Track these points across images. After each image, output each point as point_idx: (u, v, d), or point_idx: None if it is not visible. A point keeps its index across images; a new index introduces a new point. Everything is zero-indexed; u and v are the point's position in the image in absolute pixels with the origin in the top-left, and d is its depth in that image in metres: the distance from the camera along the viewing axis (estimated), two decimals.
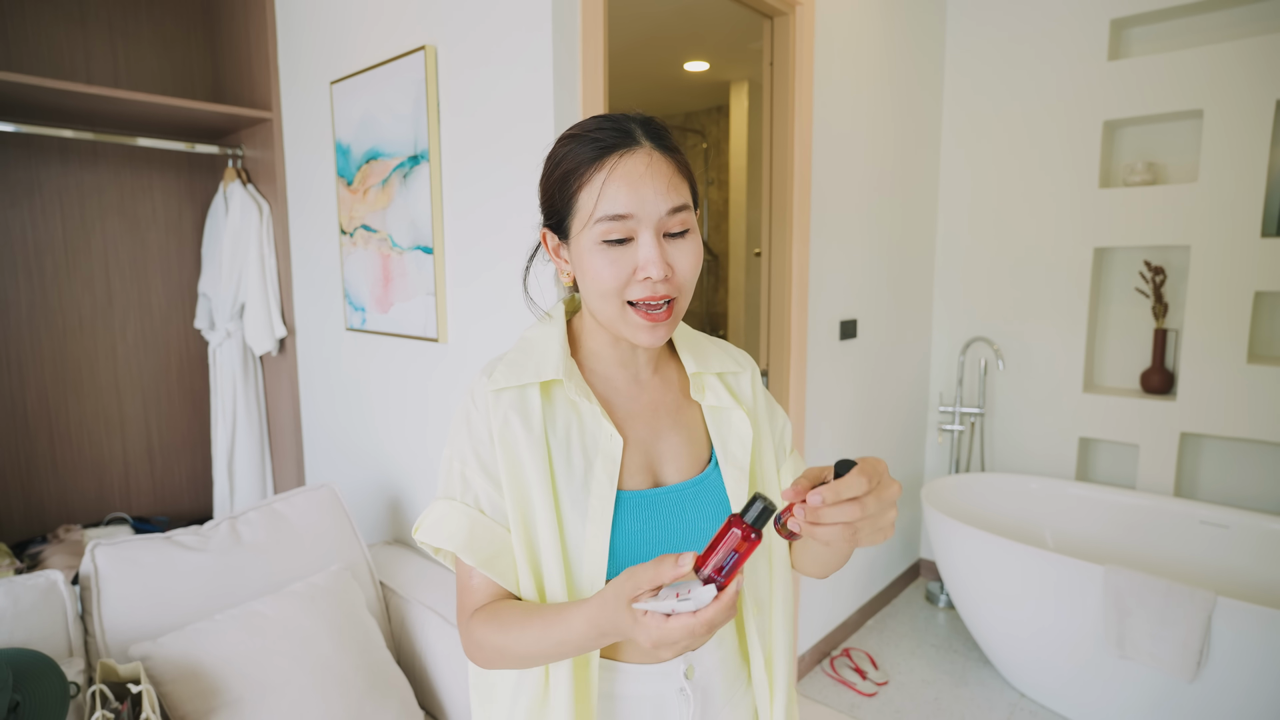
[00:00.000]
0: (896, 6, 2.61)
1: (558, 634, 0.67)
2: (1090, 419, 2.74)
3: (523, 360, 0.78)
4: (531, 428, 0.74)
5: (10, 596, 1.32)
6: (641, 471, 0.79)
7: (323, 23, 1.99)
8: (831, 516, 0.58)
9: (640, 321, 0.72)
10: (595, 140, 0.71)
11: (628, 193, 0.69)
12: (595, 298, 0.73)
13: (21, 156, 2.14)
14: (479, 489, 0.75)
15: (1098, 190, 2.66)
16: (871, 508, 0.58)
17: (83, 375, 2.30)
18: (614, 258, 0.70)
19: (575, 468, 0.75)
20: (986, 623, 2.36)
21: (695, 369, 0.85)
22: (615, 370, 0.82)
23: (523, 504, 0.74)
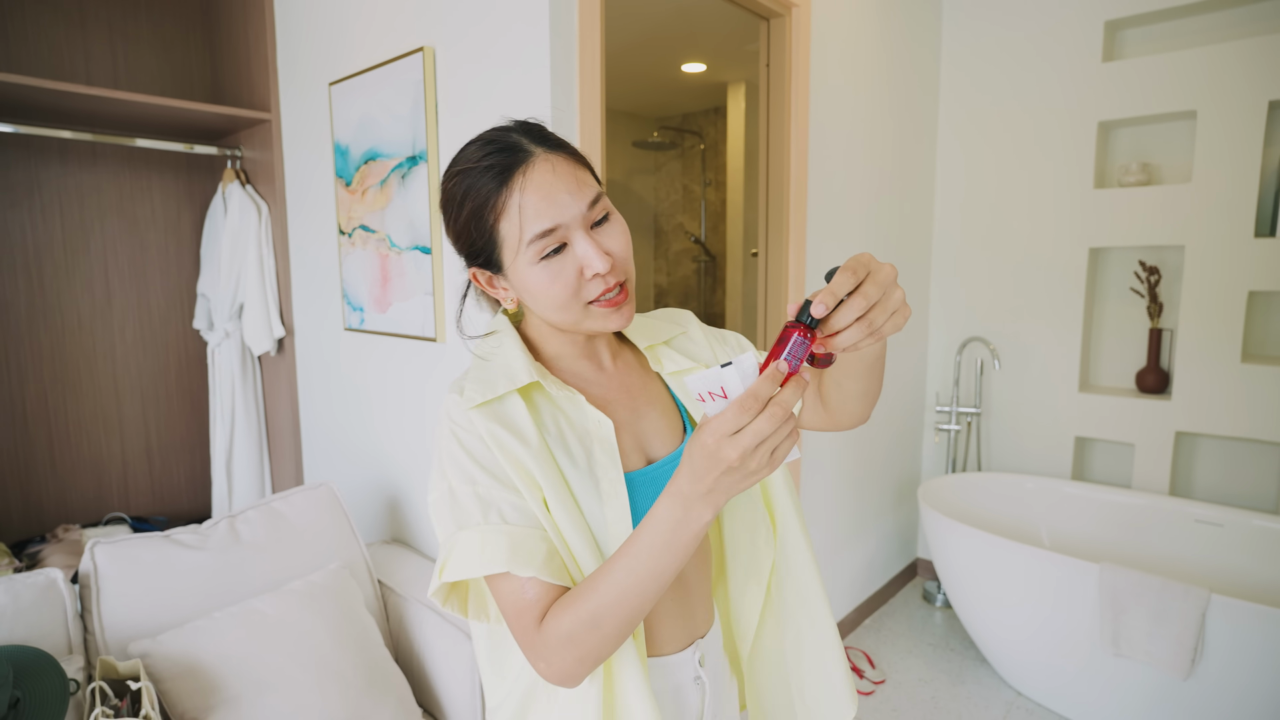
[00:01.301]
0: (892, 8, 2.63)
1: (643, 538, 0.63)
2: (1086, 418, 2.76)
3: (488, 375, 0.77)
4: (525, 435, 0.73)
5: (10, 594, 1.33)
6: (634, 452, 0.80)
7: (321, 24, 2.00)
8: (841, 318, 0.59)
9: (604, 311, 0.74)
10: (489, 168, 0.71)
11: (546, 205, 0.69)
12: (553, 311, 0.74)
13: (21, 157, 2.15)
14: (500, 502, 0.71)
15: (1093, 191, 2.67)
16: (873, 293, 0.58)
17: (81, 375, 2.31)
18: (557, 269, 0.71)
19: (578, 458, 0.75)
20: (983, 622, 2.38)
21: (647, 343, 0.87)
22: (580, 364, 0.83)
23: (549, 500, 0.73)
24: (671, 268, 4.85)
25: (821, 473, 2.48)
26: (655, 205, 4.90)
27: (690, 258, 4.73)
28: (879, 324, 0.59)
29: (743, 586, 0.89)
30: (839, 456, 2.57)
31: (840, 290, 0.58)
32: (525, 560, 0.68)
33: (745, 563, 0.88)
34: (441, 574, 0.71)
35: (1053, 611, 2.13)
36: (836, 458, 2.56)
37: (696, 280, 4.70)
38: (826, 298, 0.58)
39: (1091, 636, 2.05)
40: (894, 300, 0.60)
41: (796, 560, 0.89)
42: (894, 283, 0.60)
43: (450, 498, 0.73)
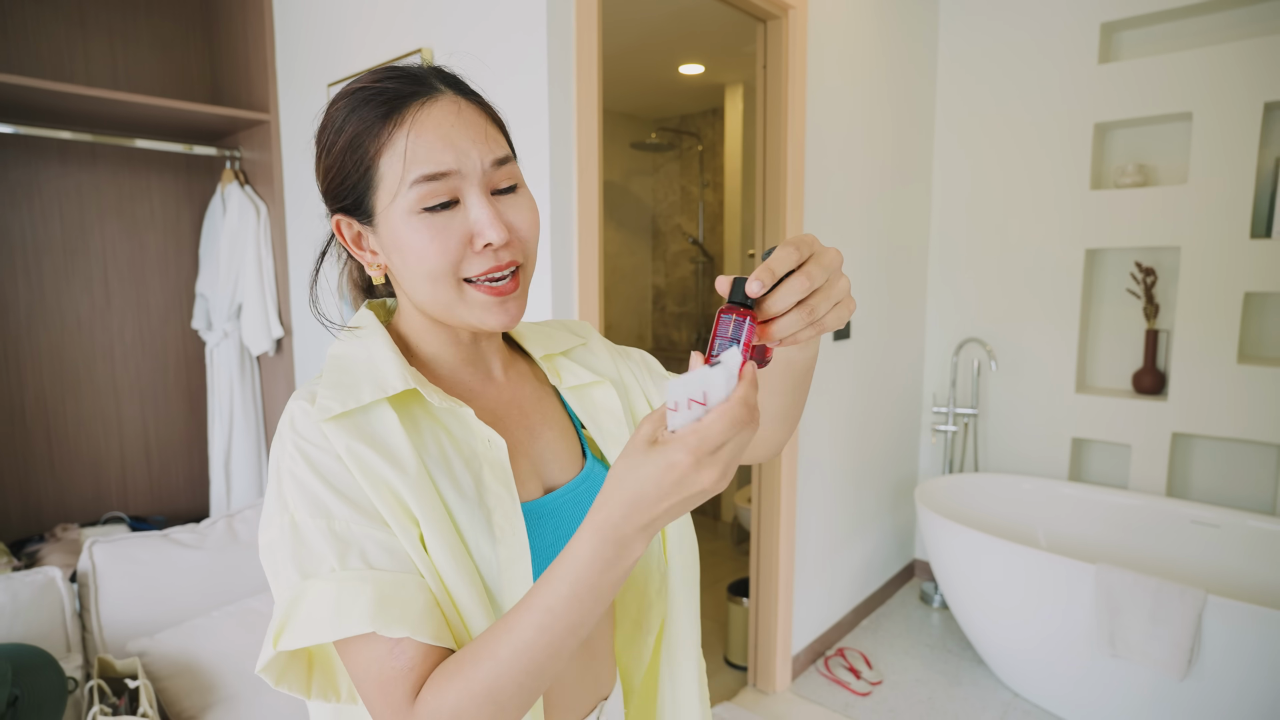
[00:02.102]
0: (890, 10, 2.64)
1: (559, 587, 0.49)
2: (1083, 419, 2.76)
3: (347, 379, 0.60)
4: (398, 455, 0.57)
5: (9, 593, 1.33)
6: (530, 479, 0.67)
7: (320, 25, 2.00)
8: (781, 300, 0.50)
9: (485, 299, 0.60)
10: (381, 92, 0.58)
11: (442, 146, 0.57)
12: (423, 283, 0.60)
13: (21, 158, 2.15)
14: (363, 541, 0.55)
15: (1089, 192, 2.68)
16: (817, 275, 0.51)
17: (80, 375, 2.31)
18: (440, 226, 0.58)
19: (464, 486, 0.60)
20: (980, 623, 2.38)
21: (543, 352, 0.75)
22: (463, 372, 0.69)
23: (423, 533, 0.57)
24: (669, 269, 4.86)
25: (818, 473, 2.48)
26: (653, 206, 4.91)
27: (688, 259, 4.74)
28: (821, 313, 0.52)
29: (628, 640, 0.75)
30: (835, 457, 2.58)
31: (780, 267, 0.50)
32: (396, 616, 0.52)
33: (635, 614, 0.74)
34: (277, 641, 0.53)
35: (1050, 612, 2.14)
36: (833, 458, 2.56)
37: (695, 281, 4.71)
38: (763, 274, 0.49)
39: (1088, 637, 2.05)
40: (839, 288, 0.53)
41: (682, 625, 0.74)
42: (839, 270, 0.53)
43: (293, 536, 0.55)
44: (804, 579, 2.45)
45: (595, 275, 1.56)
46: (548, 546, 0.63)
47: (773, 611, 2.33)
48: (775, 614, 2.33)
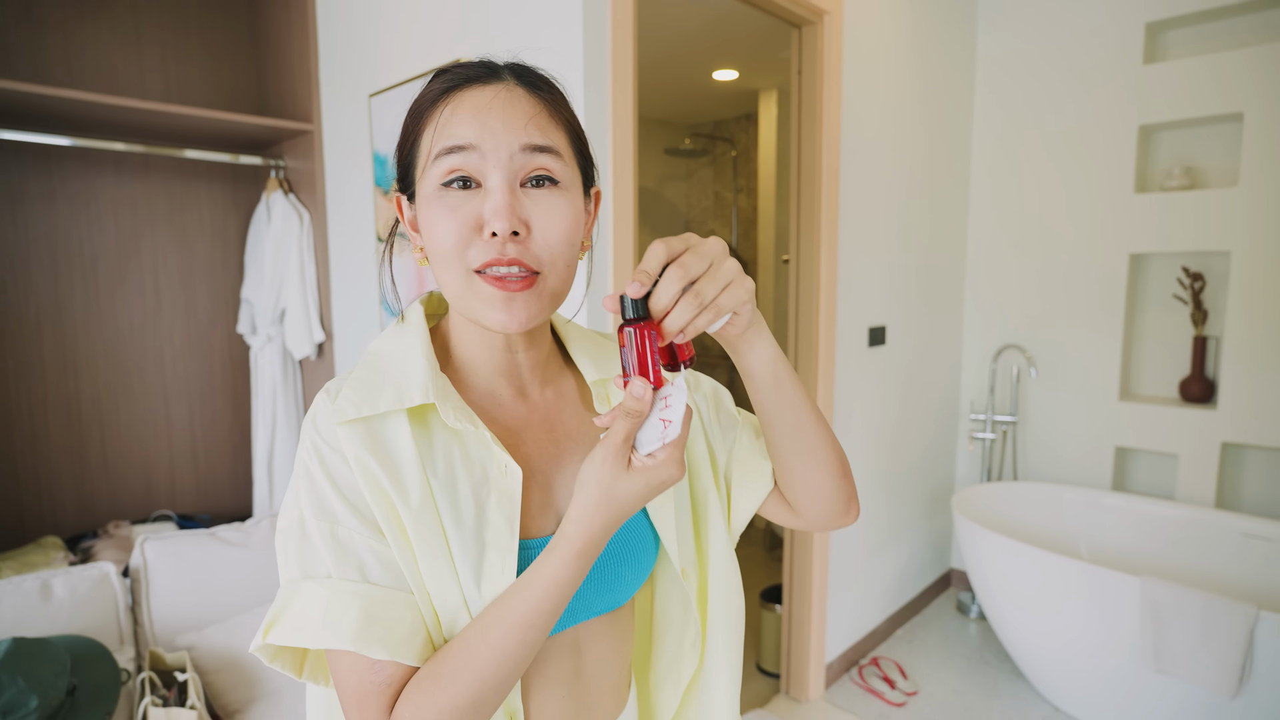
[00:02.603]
0: (926, 13, 2.61)
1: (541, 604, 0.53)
2: (1127, 428, 2.69)
3: (374, 380, 0.59)
4: (403, 475, 0.56)
5: (68, 587, 1.39)
6: (543, 512, 0.63)
7: (362, 38, 2.06)
8: (663, 294, 0.50)
9: (489, 292, 0.56)
10: (453, 75, 0.59)
11: (469, 121, 0.56)
12: (440, 268, 0.58)
13: (80, 169, 2.24)
14: (362, 552, 0.55)
15: (1133, 195, 2.62)
16: (694, 264, 0.51)
17: (132, 378, 2.40)
18: (454, 205, 0.56)
19: (464, 514, 0.57)
20: (1019, 634, 2.33)
21: (596, 376, 0.68)
22: (496, 383, 0.65)
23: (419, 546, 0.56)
24: None
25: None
26: (687, 212, 4.91)
27: None
28: (710, 295, 0.51)
29: (660, 683, 0.75)
30: (870, 463, 2.55)
31: (654, 265, 0.51)
32: (379, 636, 0.53)
33: (670, 660, 0.74)
34: (267, 633, 0.54)
35: (1092, 625, 2.08)
36: (867, 464, 2.54)
37: None
38: (640, 276, 0.51)
39: (1133, 651, 2.00)
40: (725, 271, 0.52)
41: (717, 681, 0.73)
42: (724, 254, 0.53)
43: (300, 531, 0.56)
44: (838, 586, 2.43)
45: None
46: None
47: (806, 618, 2.32)
48: (808, 621, 2.31)
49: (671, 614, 0.73)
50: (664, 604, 0.74)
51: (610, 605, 0.66)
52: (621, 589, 0.66)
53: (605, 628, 0.67)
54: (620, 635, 0.69)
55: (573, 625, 0.64)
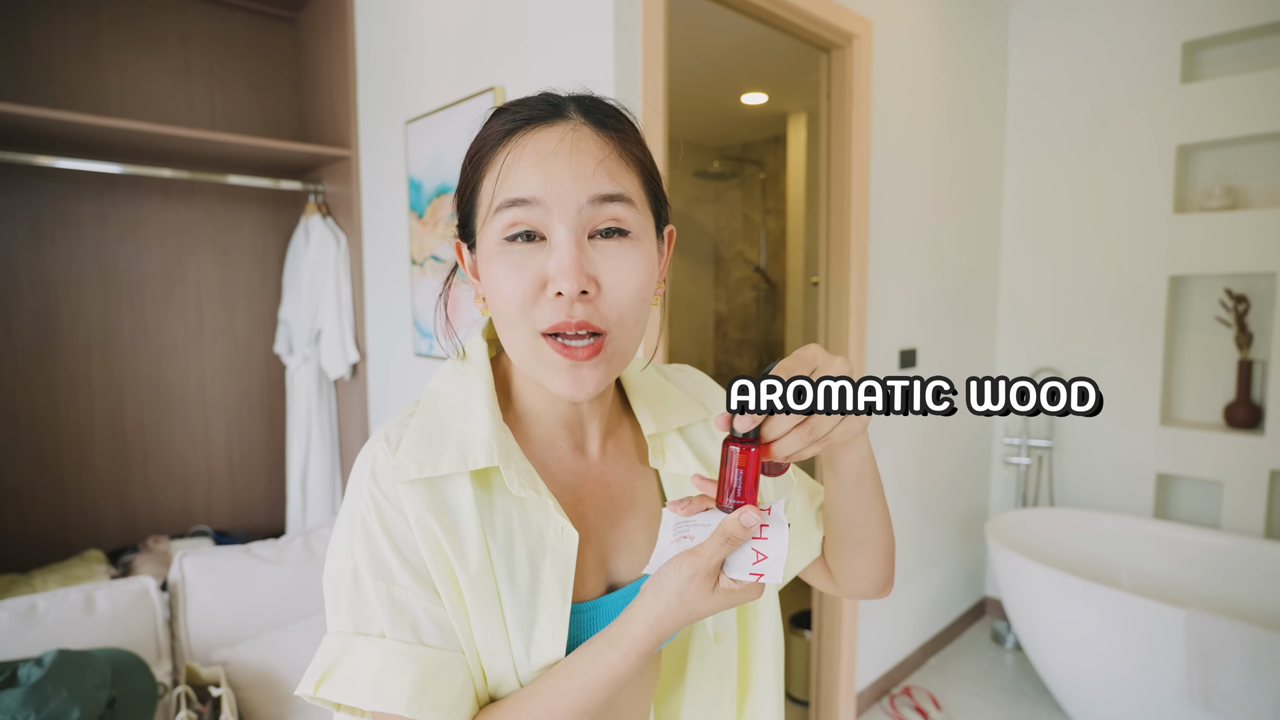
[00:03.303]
0: (956, 34, 2.61)
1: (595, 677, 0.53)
2: (1168, 454, 2.62)
3: (436, 432, 0.57)
4: (463, 533, 0.55)
5: (109, 600, 1.43)
6: (594, 573, 0.61)
7: (399, 66, 2.12)
8: (776, 426, 0.50)
9: (555, 359, 0.53)
10: (515, 112, 0.55)
11: (532, 171, 0.52)
12: (502, 326, 0.55)
13: (129, 195, 2.33)
14: (418, 614, 0.54)
15: (1172, 216, 2.57)
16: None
17: (174, 396, 2.46)
18: (519, 262, 0.52)
19: (520, 579, 0.56)
20: (1058, 666, 2.26)
21: (654, 429, 0.66)
22: (557, 434, 0.62)
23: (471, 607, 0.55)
24: (731, 296, 4.87)
25: None
26: (715, 234, 4.93)
27: (750, 285, 4.73)
28: (824, 430, 0.50)
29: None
30: (900, 487, 2.51)
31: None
32: (432, 701, 0.52)
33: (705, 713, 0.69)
34: (318, 688, 0.53)
35: (1134, 659, 2.01)
36: (898, 488, 2.50)
37: (756, 308, 4.69)
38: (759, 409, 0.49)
39: (1178, 687, 1.92)
40: None
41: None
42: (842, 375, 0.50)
43: (353, 584, 0.54)
44: (868, 612, 2.39)
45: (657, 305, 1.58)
46: None
47: (836, 645, 2.27)
48: (839, 648, 2.27)
49: (707, 668, 0.68)
50: (700, 656, 0.68)
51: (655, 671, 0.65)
52: (665, 653, 0.66)
53: (647, 692, 0.65)
54: (645, 679, 0.66)
55: None
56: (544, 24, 1.61)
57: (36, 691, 1.11)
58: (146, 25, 2.33)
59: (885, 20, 2.24)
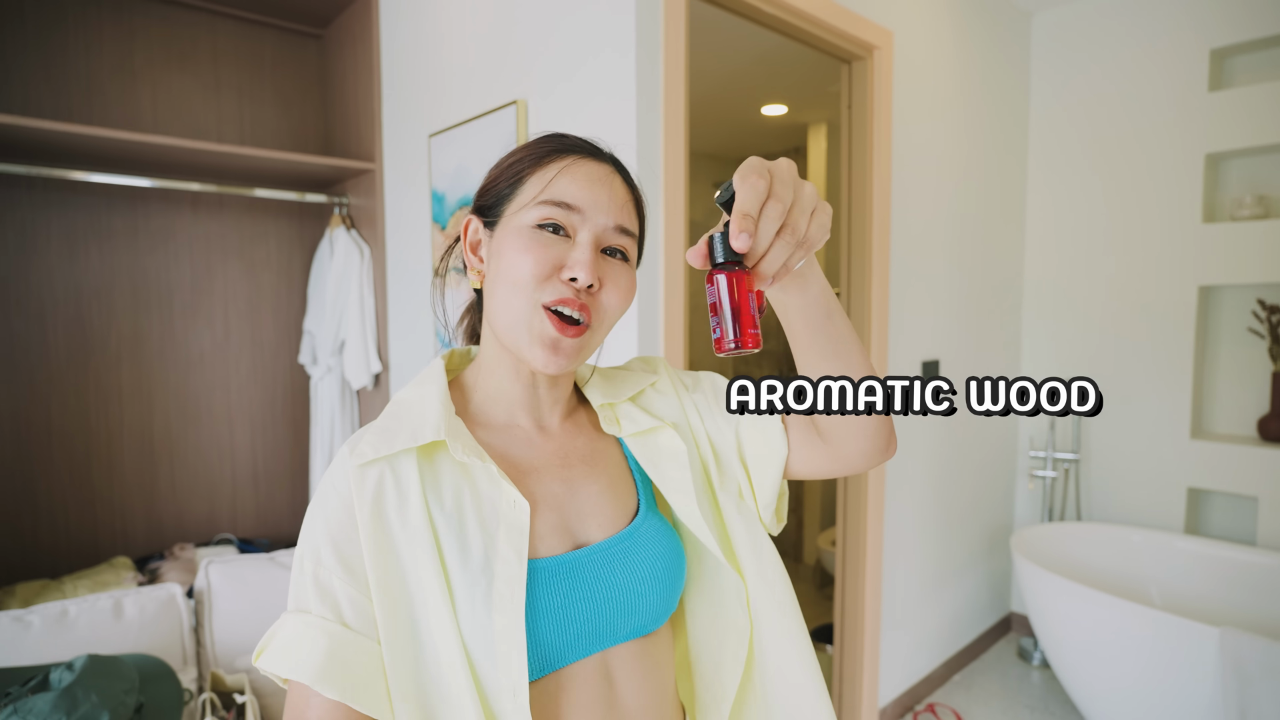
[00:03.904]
0: (978, 44, 2.60)
1: None
2: (1200, 468, 2.56)
3: (394, 426, 0.63)
4: (408, 507, 0.60)
5: (137, 606, 1.45)
6: (556, 533, 0.65)
7: (423, 80, 2.15)
8: (764, 236, 0.50)
9: (548, 329, 0.61)
10: (563, 140, 0.67)
11: (581, 187, 0.63)
12: (508, 291, 0.62)
13: (160, 207, 2.38)
14: (340, 594, 0.58)
15: (1201, 225, 2.53)
16: (785, 194, 0.50)
17: (201, 405, 2.50)
18: (544, 244, 0.62)
19: (472, 548, 0.60)
20: (1087, 685, 2.21)
21: (603, 400, 0.73)
22: (517, 414, 0.69)
23: (398, 606, 0.58)
24: None
25: (906, 516, 2.40)
26: None
27: None
28: (803, 229, 0.51)
29: (704, 709, 0.71)
30: (923, 500, 2.48)
31: (752, 205, 0.49)
32: (338, 676, 0.55)
33: (709, 682, 0.71)
34: (259, 656, 0.59)
35: (1166, 678, 1.97)
36: (921, 502, 2.47)
37: (777, 319, 4.67)
38: (744, 222, 0.49)
39: (1212, 708, 1.87)
40: (807, 197, 0.52)
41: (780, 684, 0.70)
42: (799, 177, 0.52)
43: (297, 567, 0.60)
44: (891, 627, 2.36)
45: (680, 313, 1.59)
46: (555, 607, 0.61)
47: (858, 660, 2.25)
48: (861, 663, 2.24)
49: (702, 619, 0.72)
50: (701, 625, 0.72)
51: (637, 630, 0.65)
52: (646, 610, 0.66)
53: (637, 655, 0.66)
54: (656, 664, 0.68)
55: (599, 651, 0.63)
56: (567, 40, 1.63)
57: (67, 696, 1.13)
58: (179, 43, 2.38)
59: (906, 31, 2.24)
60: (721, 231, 0.53)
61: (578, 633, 0.61)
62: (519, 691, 0.56)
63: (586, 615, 0.62)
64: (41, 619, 1.38)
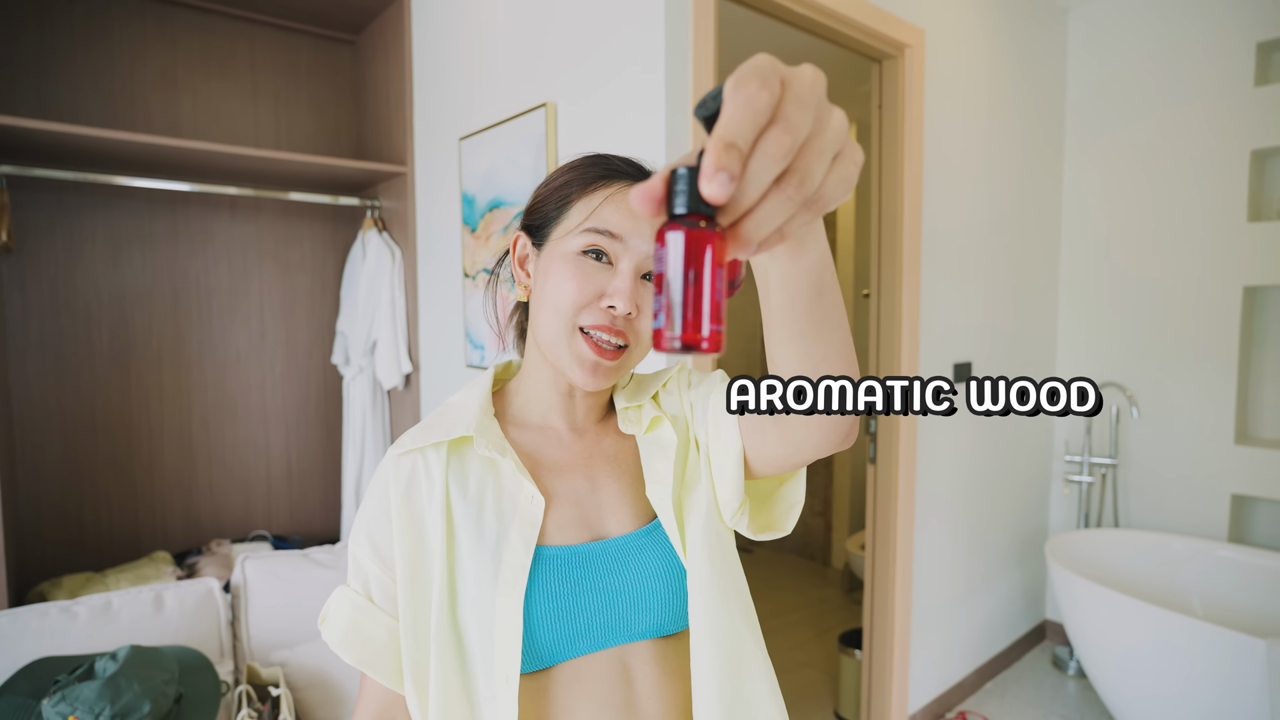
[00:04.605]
0: (1013, 40, 2.56)
1: None
2: (1245, 474, 2.48)
3: (436, 423, 0.70)
4: (433, 495, 0.66)
5: (177, 599, 1.48)
6: (574, 526, 0.68)
7: (454, 85, 2.17)
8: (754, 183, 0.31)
9: (586, 353, 0.64)
10: (612, 165, 0.69)
11: (625, 216, 0.65)
12: (549, 313, 0.66)
13: (200, 211, 2.45)
14: (369, 573, 0.67)
15: (1246, 224, 2.45)
16: (800, 123, 0.31)
17: (237, 404, 2.56)
18: (587, 272, 0.65)
19: (487, 534, 0.65)
20: (1125, 696, 2.16)
21: (625, 403, 0.75)
22: (552, 417, 0.73)
23: (416, 585, 0.64)
24: None
25: (936, 520, 2.36)
26: None
27: None
28: (816, 179, 0.32)
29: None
30: (955, 504, 2.45)
31: (744, 131, 0.30)
32: (353, 645, 0.65)
33: None
34: (322, 620, 0.69)
35: (1210, 690, 1.91)
36: (952, 506, 2.43)
37: None
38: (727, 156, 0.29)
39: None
40: (833, 131, 0.33)
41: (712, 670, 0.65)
42: (824, 98, 0.33)
43: (349, 545, 0.70)
44: (921, 633, 2.32)
45: None
46: (559, 593, 0.63)
47: (887, 666, 2.22)
48: (890, 668, 2.21)
49: None
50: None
51: (655, 629, 0.66)
52: (662, 609, 0.66)
53: (658, 656, 0.66)
54: (678, 668, 0.67)
55: (616, 646, 0.64)
56: (596, 43, 1.64)
57: (111, 685, 1.16)
58: (219, 52, 2.45)
59: (938, 29, 2.21)
60: (691, 166, 0.32)
61: (588, 623, 0.64)
62: (511, 677, 0.60)
63: (597, 606, 0.64)
64: (88, 610, 1.43)
